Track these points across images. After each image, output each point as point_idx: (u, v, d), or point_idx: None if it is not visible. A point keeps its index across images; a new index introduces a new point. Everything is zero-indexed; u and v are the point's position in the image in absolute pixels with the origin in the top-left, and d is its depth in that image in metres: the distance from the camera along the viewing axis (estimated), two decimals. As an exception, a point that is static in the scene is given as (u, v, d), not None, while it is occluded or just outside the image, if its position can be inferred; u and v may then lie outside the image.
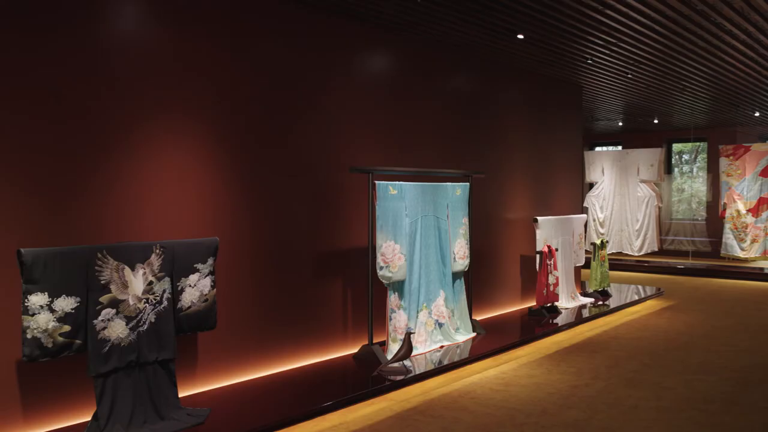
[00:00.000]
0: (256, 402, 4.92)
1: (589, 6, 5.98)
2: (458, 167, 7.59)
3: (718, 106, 12.23)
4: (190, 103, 5.05)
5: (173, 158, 4.94)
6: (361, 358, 6.06)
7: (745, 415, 4.86)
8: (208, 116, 5.17)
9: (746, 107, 12.26)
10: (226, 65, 5.29)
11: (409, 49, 7.14)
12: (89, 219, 4.45)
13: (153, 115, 4.81)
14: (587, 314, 8.54)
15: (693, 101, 11.61)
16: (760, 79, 9.37)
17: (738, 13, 6.20)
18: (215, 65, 5.21)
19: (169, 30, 4.92)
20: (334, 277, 6.23)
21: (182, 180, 5.00)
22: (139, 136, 4.72)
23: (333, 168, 6.18)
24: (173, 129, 4.94)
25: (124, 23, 4.67)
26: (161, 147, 4.86)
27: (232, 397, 5.00)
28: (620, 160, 13.26)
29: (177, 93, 4.96)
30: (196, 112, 5.09)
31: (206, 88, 5.15)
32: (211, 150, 5.19)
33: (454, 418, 4.76)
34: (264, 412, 4.69)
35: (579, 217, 9.41)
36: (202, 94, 5.12)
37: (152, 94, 4.81)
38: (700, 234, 15.75)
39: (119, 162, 4.61)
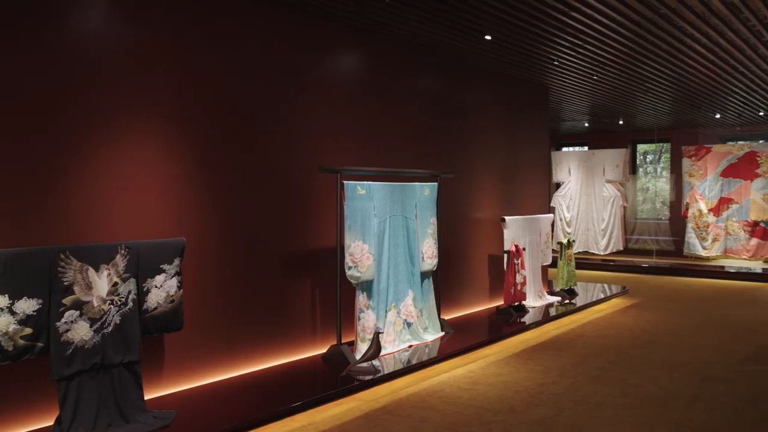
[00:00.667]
0: (224, 403, 4.87)
1: (555, 8, 6.05)
2: (427, 167, 7.61)
3: (681, 108, 12.47)
4: (157, 102, 4.98)
5: (140, 158, 4.87)
6: (329, 358, 6.04)
7: (706, 410, 4.96)
8: (175, 116, 5.10)
9: (707, 109, 12.52)
10: (194, 64, 5.23)
11: (379, 50, 7.15)
12: (54, 220, 4.37)
13: (119, 115, 4.73)
14: (554, 313, 8.63)
15: (656, 103, 11.82)
16: (720, 81, 9.57)
17: (699, 17, 6.32)
18: (183, 65, 5.15)
19: (136, 29, 4.84)
20: (303, 277, 6.20)
21: (149, 180, 4.93)
22: (105, 136, 4.65)
23: (302, 168, 6.16)
24: (140, 129, 4.87)
25: (89, 22, 4.58)
26: (128, 147, 4.79)
27: (199, 399, 4.95)
28: (586, 161, 13.45)
29: (144, 93, 4.89)
30: (163, 111, 5.02)
31: (174, 87, 5.08)
32: (178, 150, 5.13)
33: (423, 418, 4.77)
34: (231, 413, 4.65)
35: (546, 217, 9.51)
36: (169, 94, 5.05)
37: (119, 94, 4.73)
38: (663, 233, 16.04)
39: (84, 162, 4.53)
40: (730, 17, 6.32)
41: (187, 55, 5.19)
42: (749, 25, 6.60)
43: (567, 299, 9.54)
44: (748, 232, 12.84)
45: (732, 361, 6.41)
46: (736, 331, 7.83)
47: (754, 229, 12.78)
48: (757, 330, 7.93)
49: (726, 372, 6.03)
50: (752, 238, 12.80)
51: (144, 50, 4.89)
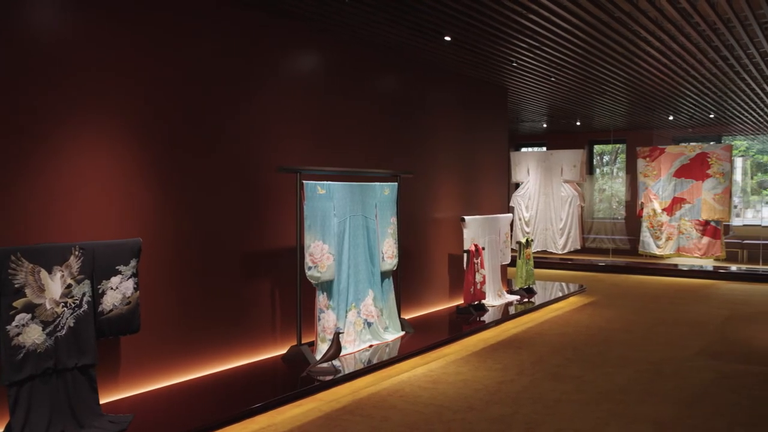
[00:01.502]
0: (182, 406, 4.81)
1: (513, 10, 6.12)
2: (387, 167, 7.64)
3: (636, 110, 12.74)
4: (112, 102, 4.88)
5: (94, 159, 4.77)
6: (289, 359, 6.01)
7: (658, 404, 5.09)
8: (130, 116, 5.01)
9: (661, 111, 12.81)
10: (151, 64, 5.15)
11: (340, 50, 7.14)
12: (4, 220, 4.25)
13: (73, 115, 4.63)
14: (513, 311, 8.74)
15: (612, 104, 12.05)
16: (672, 84, 9.81)
17: (652, 22, 6.47)
18: (140, 64, 5.06)
19: (93, 27, 4.74)
20: (263, 277, 6.16)
21: (104, 181, 4.83)
22: (59, 136, 4.54)
23: (261, 168, 6.11)
24: (94, 129, 4.77)
25: (46, 19, 4.47)
26: (82, 148, 4.69)
27: (156, 402, 4.87)
28: (545, 161, 13.64)
29: (99, 93, 4.79)
30: (119, 111, 4.93)
31: (130, 86, 4.99)
32: (134, 150, 5.04)
33: (383, 417, 4.78)
34: (189, 416, 4.59)
35: (505, 217, 9.62)
36: (125, 93, 4.96)
37: (74, 93, 4.62)
38: (619, 232, 16.37)
39: (37, 163, 4.42)
40: (681, 22, 6.48)
41: (143, 54, 5.10)
42: (699, 30, 6.77)
43: (526, 298, 9.66)
44: (700, 231, 13.19)
45: (683, 357, 6.58)
46: (687, 328, 8.03)
47: (705, 228, 13.14)
48: (707, 326, 8.15)
49: (677, 367, 6.19)
50: (703, 236, 13.15)
51: (100, 50, 4.80)
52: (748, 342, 7.29)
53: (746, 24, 6.55)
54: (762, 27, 6.65)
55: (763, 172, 25.04)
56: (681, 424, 4.67)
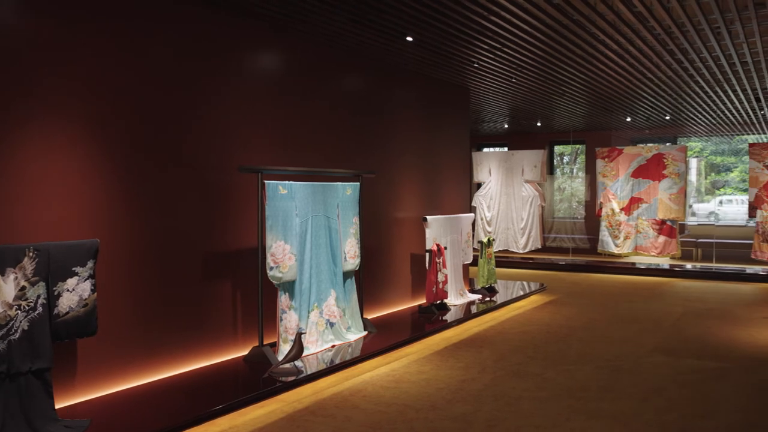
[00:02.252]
0: (141, 410, 4.73)
1: (474, 12, 6.17)
2: (349, 167, 7.63)
3: (595, 111, 12.96)
4: (69, 103, 4.78)
5: (51, 159, 4.65)
6: (251, 360, 5.97)
7: (616, 400, 5.19)
8: (88, 116, 4.91)
9: (619, 113, 13.06)
10: (108, 63, 5.05)
11: (301, 49, 7.11)
12: (-48, 221, 4.14)
13: (29, 117, 4.51)
14: (475, 310, 8.81)
15: (572, 105, 12.24)
16: (630, 86, 10.00)
17: (610, 25, 6.59)
18: (97, 63, 4.97)
19: (48, 28, 4.63)
20: (224, 278, 6.10)
21: (60, 181, 4.72)
22: (15, 137, 4.43)
23: (222, 168, 6.05)
24: (50, 130, 4.66)
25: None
26: (38, 148, 4.57)
27: (114, 406, 4.79)
28: (506, 161, 13.78)
29: (56, 90, 4.68)
30: (76, 112, 4.82)
31: (87, 86, 4.89)
32: (91, 150, 4.94)
33: (346, 417, 4.78)
34: (149, 419, 4.52)
35: (467, 216, 9.69)
36: (82, 92, 4.86)
37: (29, 95, 4.51)
38: (579, 231, 16.63)
39: (-13, 160, 4.31)
40: (638, 26, 6.62)
41: (101, 54, 5.00)
42: (655, 34, 6.92)
43: (487, 297, 9.75)
44: (656, 230, 13.47)
45: (640, 353, 6.72)
46: (644, 325, 8.21)
47: (662, 227, 13.42)
48: (663, 323, 8.33)
49: (634, 363, 6.32)
50: (660, 235, 13.43)
51: (55, 51, 4.69)
52: (701, 338, 7.48)
53: (699, 28, 6.72)
54: (714, 32, 6.83)
55: (717, 172, 25.72)
56: (637, 418, 4.77)
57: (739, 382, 5.72)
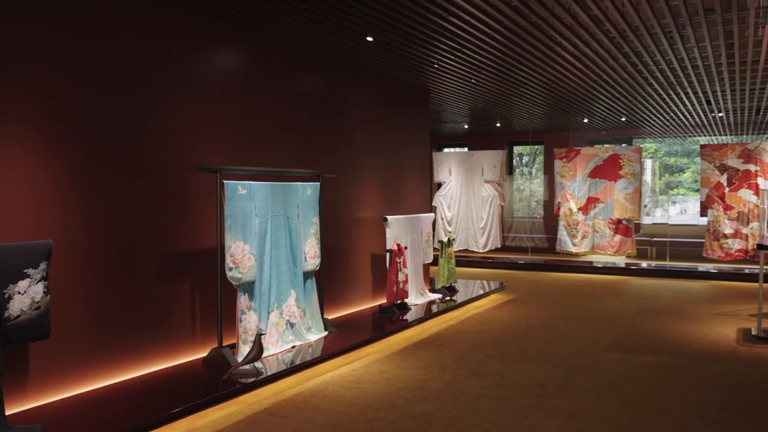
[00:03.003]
0: (96, 414, 4.64)
1: (434, 12, 6.21)
2: (309, 167, 7.60)
3: (553, 112, 13.15)
4: (20, 99, 4.66)
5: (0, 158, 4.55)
6: (210, 361, 5.90)
7: (574, 397, 5.28)
8: (39, 114, 4.79)
9: (576, 114, 13.27)
10: (60, 58, 4.94)
11: (261, 48, 7.05)
12: None
13: (-26, 108, 4.40)
14: (436, 310, 8.86)
15: (530, 106, 12.39)
16: (587, 88, 10.18)
17: (567, 28, 6.70)
18: (48, 58, 4.85)
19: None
20: (182, 279, 6.02)
21: (10, 180, 4.60)
22: (-42, 130, 4.31)
23: (181, 168, 5.97)
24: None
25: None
26: (-16, 143, 4.46)
27: (68, 411, 4.68)
28: (466, 161, 13.89)
29: (5, 89, 4.56)
30: (26, 109, 4.70)
31: (38, 81, 4.77)
32: (44, 149, 4.82)
33: (306, 418, 4.77)
34: (104, 424, 4.43)
35: (427, 216, 9.74)
36: (33, 88, 4.74)
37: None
38: (538, 231, 16.86)
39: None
40: (594, 29, 6.74)
41: (55, 51, 4.89)
42: (611, 37, 7.06)
43: (448, 296, 9.81)
44: (613, 230, 13.74)
45: (596, 350, 6.85)
46: (600, 322, 8.36)
47: (618, 226, 13.70)
48: (619, 320, 8.51)
49: (591, 360, 6.43)
50: (616, 234, 13.70)
51: (7, 46, 4.57)
52: (655, 335, 7.65)
53: (653, 33, 6.88)
54: (667, 36, 6.99)
55: (671, 173, 26.33)
56: (593, 414, 4.86)
57: (690, 377, 5.88)
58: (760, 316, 7.65)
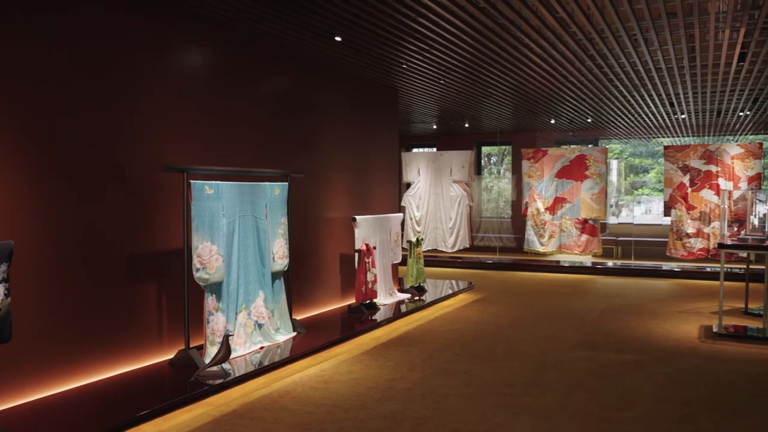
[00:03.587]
0: (60, 418, 4.55)
1: (402, 13, 6.22)
2: (277, 167, 7.56)
3: (520, 113, 13.27)
4: (-22, 93, 4.56)
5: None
6: (177, 363, 5.84)
7: (541, 395, 5.33)
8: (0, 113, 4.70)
9: (543, 115, 13.42)
10: (20, 53, 4.84)
11: (230, 48, 6.99)
12: None
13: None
14: (404, 310, 8.88)
15: (498, 107, 12.49)
16: (553, 89, 10.30)
17: (534, 30, 6.77)
18: (8, 53, 4.75)
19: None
20: (148, 280, 5.94)
21: (-31, 178, 4.51)
22: None
23: (147, 168, 5.89)
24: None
25: None
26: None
27: (31, 415, 4.58)
28: (434, 161, 13.94)
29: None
30: (-14, 103, 4.61)
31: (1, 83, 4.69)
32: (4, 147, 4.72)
33: (275, 419, 4.74)
34: (68, 428, 4.36)
35: (396, 216, 9.76)
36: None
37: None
38: (506, 231, 16.99)
39: None
40: (560, 31, 6.82)
41: (16, 44, 4.79)
42: (576, 39, 7.15)
43: (416, 296, 9.84)
44: (579, 229, 13.91)
45: (564, 348, 6.93)
46: (567, 321, 8.47)
47: (584, 226, 13.88)
48: (585, 319, 8.62)
49: (558, 359, 6.51)
50: (582, 234, 13.88)
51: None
52: (620, 333, 7.77)
53: (617, 35, 6.98)
54: (631, 39, 7.11)
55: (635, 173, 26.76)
56: (560, 411, 4.92)
57: (654, 374, 5.98)
58: (721, 314, 7.82)
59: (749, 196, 8.76)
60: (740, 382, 5.75)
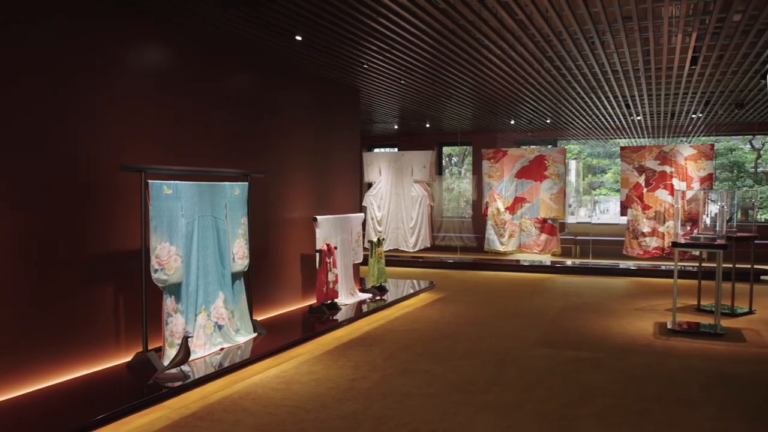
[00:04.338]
0: (13, 425, 4.43)
1: (363, 13, 6.22)
2: (238, 167, 7.50)
3: (481, 114, 13.39)
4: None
5: None
6: (135, 366, 5.74)
7: (501, 392, 5.39)
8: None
9: (503, 115, 13.56)
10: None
11: (189, 47, 6.90)
12: None
13: None
14: (366, 309, 8.88)
15: (459, 108, 12.59)
16: (513, 91, 10.42)
17: (494, 31, 6.84)
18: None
19: None
20: (105, 282, 5.83)
21: None
22: None
23: (104, 168, 5.77)
24: None
25: None
26: None
27: (-19, 420, 4.47)
28: (396, 162, 13.97)
29: None
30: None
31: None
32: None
33: (235, 421, 4.70)
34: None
35: (357, 216, 9.76)
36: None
37: None
38: (467, 230, 17.12)
39: None
40: (519, 33, 6.90)
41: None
42: (535, 41, 7.25)
43: (378, 296, 9.86)
44: (538, 229, 14.10)
45: (523, 347, 7.02)
46: (527, 319, 8.58)
47: (543, 225, 14.07)
48: (544, 317, 8.74)
49: (518, 356, 6.59)
50: (542, 233, 14.07)
51: None
52: (578, 330, 7.90)
53: (575, 38, 7.10)
54: (588, 41, 7.24)
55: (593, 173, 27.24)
56: (520, 408, 4.98)
57: (611, 370, 6.10)
58: (675, 311, 8.01)
59: (701, 196, 9.00)
60: (693, 377, 5.90)
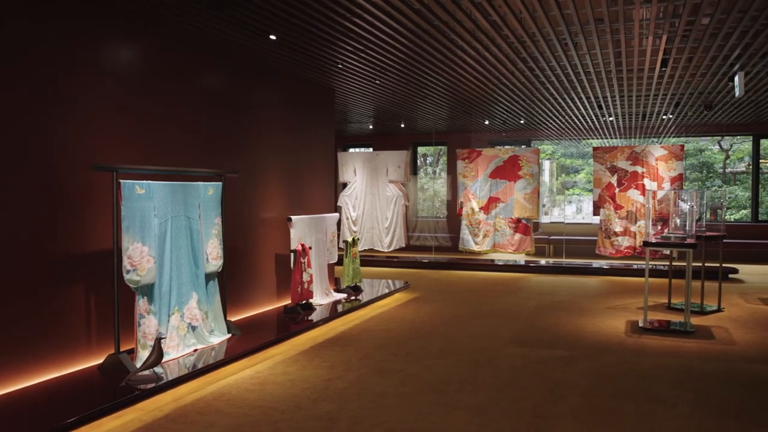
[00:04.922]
0: (-20, 428, 4.37)
1: (337, 12, 6.22)
2: (212, 167, 7.44)
3: (455, 114, 13.45)
4: None
5: None
6: (107, 368, 5.67)
7: (475, 391, 5.42)
8: None
9: (478, 116, 13.64)
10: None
11: (163, 46, 6.83)
12: None
13: None
14: (341, 309, 8.87)
15: (434, 108, 12.63)
16: (487, 91, 10.48)
17: (468, 32, 6.87)
18: None
19: None
20: (76, 283, 5.75)
21: None
22: None
23: (76, 167, 5.69)
24: None
25: None
26: None
27: (-52, 425, 4.39)
28: (371, 161, 13.97)
29: None
30: None
31: None
32: None
33: (209, 422, 4.67)
34: (-11, 438, 4.19)
35: (332, 216, 9.74)
36: None
37: None
38: (441, 230, 17.19)
39: None
40: (493, 34, 6.95)
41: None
42: (509, 42, 7.31)
43: (353, 296, 9.85)
44: (512, 228, 14.20)
45: (497, 346, 7.06)
46: (501, 319, 8.63)
47: (517, 225, 14.17)
48: (518, 316, 8.81)
49: (492, 355, 6.63)
50: (516, 233, 14.17)
51: None
52: (552, 329, 7.98)
53: (548, 39, 7.17)
54: (561, 43, 7.31)
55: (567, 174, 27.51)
56: (494, 407, 5.01)
57: (584, 368, 6.17)
58: (646, 309, 8.13)
59: (672, 196, 9.14)
60: (664, 374, 5.99)
